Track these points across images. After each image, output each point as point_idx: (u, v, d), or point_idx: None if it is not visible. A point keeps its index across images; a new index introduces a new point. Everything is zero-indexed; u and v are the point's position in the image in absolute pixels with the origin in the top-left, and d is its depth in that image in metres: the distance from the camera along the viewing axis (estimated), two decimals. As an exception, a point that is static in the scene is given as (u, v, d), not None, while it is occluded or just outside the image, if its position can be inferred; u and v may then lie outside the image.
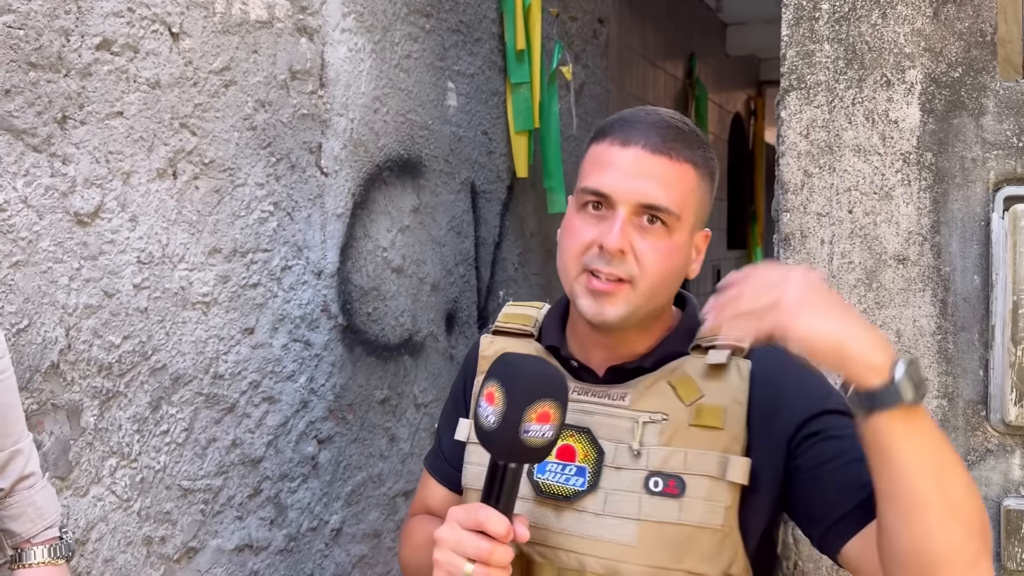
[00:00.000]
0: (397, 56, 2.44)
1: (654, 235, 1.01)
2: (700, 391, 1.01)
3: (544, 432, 0.90)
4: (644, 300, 1.02)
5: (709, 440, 0.99)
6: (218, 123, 1.83)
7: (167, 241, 1.72)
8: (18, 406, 1.20)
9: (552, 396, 0.92)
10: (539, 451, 0.92)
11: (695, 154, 1.04)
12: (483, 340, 1.19)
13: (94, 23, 1.53)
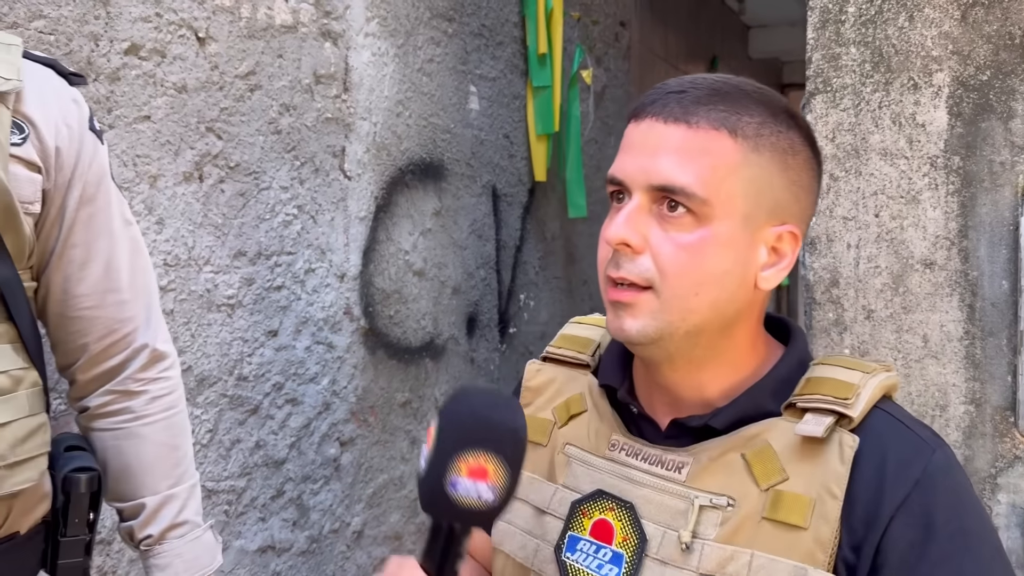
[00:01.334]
0: (420, 60, 2.45)
1: (676, 226, 0.76)
2: (783, 472, 0.75)
3: (480, 492, 0.72)
4: (675, 313, 0.76)
5: (786, 543, 0.73)
6: (243, 127, 1.85)
7: (193, 244, 1.73)
8: (180, 448, 1.13)
9: (490, 448, 0.72)
10: (479, 514, 0.73)
11: (738, 119, 0.76)
12: (529, 368, 0.94)
13: (122, 28, 1.55)
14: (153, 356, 1.10)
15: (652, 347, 0.79)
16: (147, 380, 1.09)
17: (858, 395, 0.76)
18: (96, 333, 1.06)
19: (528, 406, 0.91)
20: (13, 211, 0.93)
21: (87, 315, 1.05)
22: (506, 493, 0.73)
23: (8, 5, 1.36)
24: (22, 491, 0.97)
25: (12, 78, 0.94)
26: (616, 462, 0.81)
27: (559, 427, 0.87)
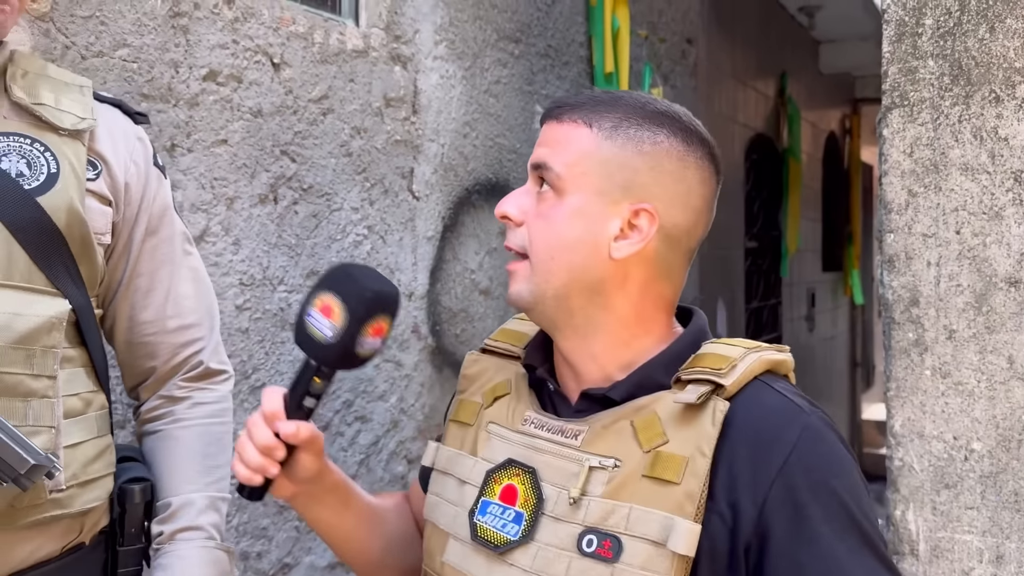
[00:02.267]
0: (487, 82, 2.47)
1: (542, 200, 0.90)
2: (664, 436, 0.83)
3: (322, 327, 0.89)
4: (540, 276, 0.89)
5: (660, 496, 0.81)
6: (316, 150, 1.89)
7: (268, 264, 1.77)
8: (213, 458, 1.13)
9: (340, 295, 0.89)
10: (320, 348, 0.90)
11: (597, 115, 0.90)
12: (468, 358, 1.05)
13: (201, 55, 1.61)
14: (205, 371, 1.14)
15: (534, 313, 0.92)
16: (192, 388, 1.13)
17: (734, 367, 0.84)
18: (162, 357, 1.10)
19: (463, 392, 1.02)
20: (88, 241, 0.97)
21: (152, 340, 1.09)
22: (341, 335, 0.88)
23: (95, 35, 1.43)
24: (92, 508, 1.00)
25: (87, 117, 0.99)
26: (526, 434, 0.91)
27: (485, 408, 0.97)
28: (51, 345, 0.93)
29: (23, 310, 0.91)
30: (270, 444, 0.89)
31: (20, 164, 0.92)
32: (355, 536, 1.03)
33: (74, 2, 1.39)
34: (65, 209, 0.94)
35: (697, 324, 0.94)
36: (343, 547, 1.04)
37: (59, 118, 0.97)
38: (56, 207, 0.94)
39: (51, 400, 0.94)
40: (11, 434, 0.87)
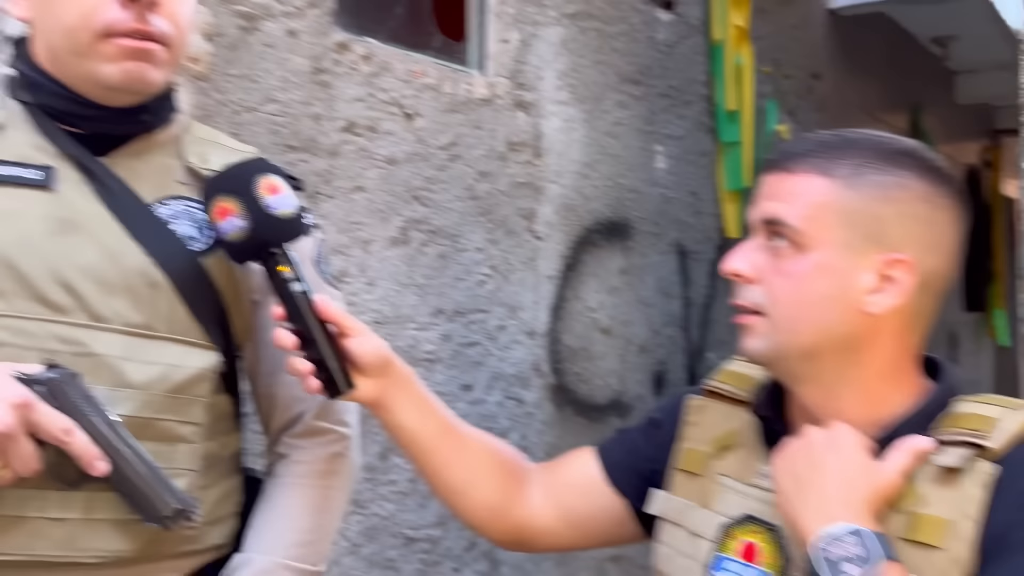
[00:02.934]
0: (607, 123, 2.51)
1: (781, 256, 0.86)
2: (920, 498, 0.81)
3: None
4: (784, 334, 0.86)
5: (923, 561, 0.78)
6: (444, 194, 1.97)
7: (399, 303, 1.86)
8: (300, 524, 1.07)
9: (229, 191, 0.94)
10: (292, 221, 0.96)
11: (832, 162, 0.86)
12: (690, 404, 1.03)
13: (341, 109, 1.72)
14: (308, 429, 1.10)
15: (774, 367, 0.90)
16: (293, 445, 1.10)
17: (998, 428, 0.81)
18: (277, 410, 1.11)
19: (687, 440, 1.00)
20: (242, 299, 1.04)
21: (270, 393, 1.11)
22: (252, 214, 0.93)
23: (246, 92, 1.55)
24: (218, 545, 1.04)
25: None
26: (764, 489, 0.88)
27: (714, 458, 0.95)
28: (200, 394, 0.99)
29: (180, 362, 0.97)
30: (282, 341, 0.95)
31: (189, 227, 0.99)
32: (436, 452, 1.03)
33: (228, 63, 1.52)
34: (224, 269, 1.01)
35: (949, 380, 0.90)
36: (425, 464, 1.04)
37: None
38: (217, 268, 1.00)
39: (194, 445, 0.99)
40: (160, 478, 0.93)
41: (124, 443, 0.91)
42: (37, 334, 0.91)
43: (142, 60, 0.93)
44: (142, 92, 0.97)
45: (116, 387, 0.94)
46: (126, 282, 0.95)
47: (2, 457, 0.85)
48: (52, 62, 0.96)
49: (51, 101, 0.97)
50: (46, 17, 0.94)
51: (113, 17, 0.91)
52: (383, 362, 1.00)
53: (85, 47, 0.92)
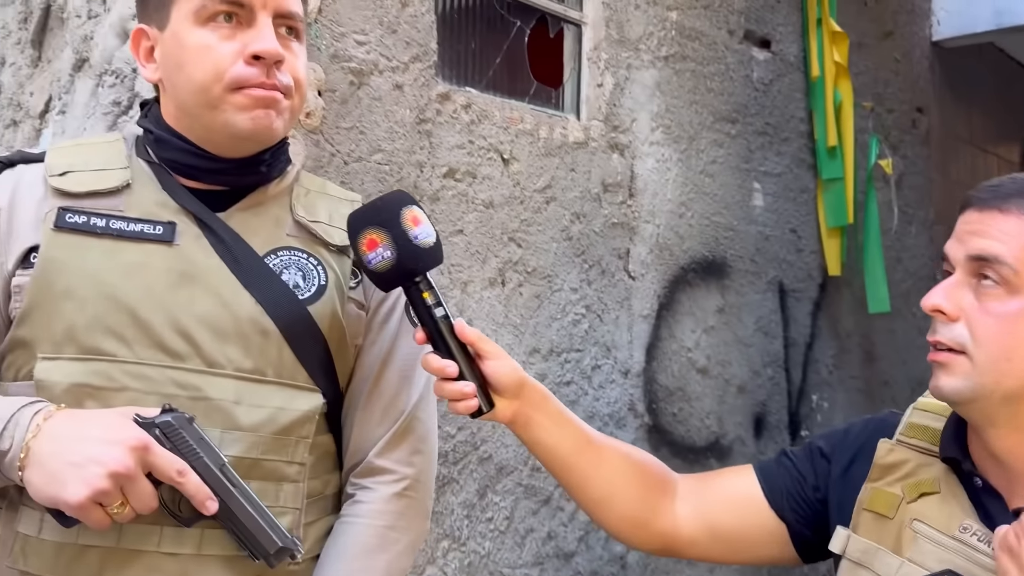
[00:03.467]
0: (702, 162, 2.52)
1: (990, 296, 0.86)
2: None
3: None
4: (988, 376, 0.85)
5: None
6: (540, 235, 2.01)
7: (496, 342, 1.90)
8: (349, 559, 1.07)
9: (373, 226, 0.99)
10: (432, 249, 1.00)
11: None
12: (882, 446, 1.03)
13: (442, 156, 1.79)
14: (370, 468, 1.12)
15: (970, 407, 0.88)
16: (358, 485, 1.12)
17: None
18: (351, 450, 1.13)
19: (877, 480, 0.99)
20: (344, 343, 1.09)
21: (347, 431, 1.13)
22: (399, 244, 1.00)
23: (355, 143, 1.64)
24: None
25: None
26: (966, 544, 0.86)
27: (907, 503, 0.94)
28: (305, 435, 1.04)
29: (287, 404, 1.02)
30: (437, 365, 1.01)
31: (297, 276, 1.05)
32: (575, 467, 1.07)
33: (339, 116, 1.61)
34: (329, 316, 1.06)
35: None
36: (565, 478, 1.09)
37: (331, 235, 1.09)
38: (322, 315, 1.06)
39: (299, 484, 1.04)
40: (267, 518, 0.97)
41: (233, 483, 0.96)
42: (157, 379, 0.98)
43: (269, 108, 1.01)
44: (267, 140, 1.04)
45: (227, 429, 0.99)
46: (239, 330, 1.01)
47: (123, 496, 0.91)
48: (180, 119, 1.04)
49: (176, 156, 1.05)
50: (177, 77, 1.02)
51: (242, 73, 0.99)
52: (518, 382, 1.06)
53: (216, 99, 1.00)
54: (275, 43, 1.00)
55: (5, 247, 1.00)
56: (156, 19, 1.04)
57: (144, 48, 1.06)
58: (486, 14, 2.03)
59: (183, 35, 1.01)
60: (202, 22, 1.00)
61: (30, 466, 0.90)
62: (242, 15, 1.00)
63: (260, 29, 1.00)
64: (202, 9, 1.00)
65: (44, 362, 0.97)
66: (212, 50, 0.99)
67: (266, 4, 1.01)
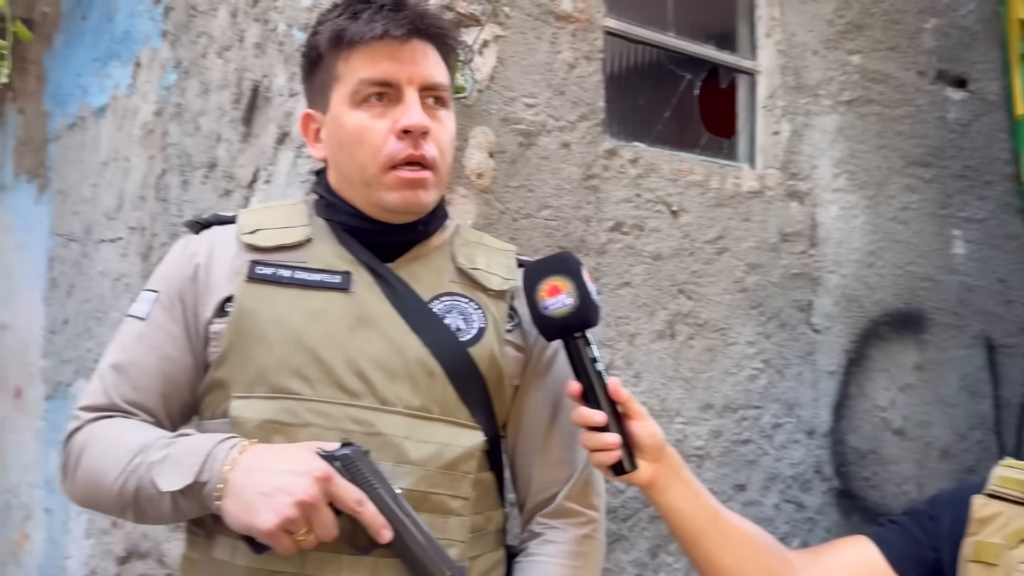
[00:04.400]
0: (893, 209, 2.37)
1: None
2: None
3: (592, 289, 1.08)
4: None
5: None
6: (711, 287, 1.97)
7: (665, 396, 1.87)
8: None
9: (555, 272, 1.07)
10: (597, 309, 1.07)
11: None
12: (976, 501, 1.12)
13: (609, 210, 1.81)
14: (561, 509, 1.15)
15: None
16: (548, 525, 1.15)
17: None
18: (532, 490, 1.17)
19: (976, 534, 1.08)
20: (502, 383, 1.13)
21: (527, 472, 1.18)
22: (580, 294, 1.07)
23: (523, 201, 1.69)
24: None
25: (509, 279, 1.16)
26: None
27: (1009, 549, 1.03)
28: (468, 471, 1.08)
29: (451, 441, 1.08)
30: (588, 417, 1.05)
31: (459, 320, 1.12)
32: (706, 537, 1.10)
33: (508, 175, 1.67)
34: (488, 357, 1.11)
35: None
36: (695, 548, 1.11)
37: (489, 280, 1.15)
38: (481, 356, 1.11)
39: (463, 518, 1.08)
40: (436, 547, 1.02)
41: (406, 513, 1.01)
42: (336, 416, 1.05)
43: (417, 188, 1.09)
44: (417, 213, 1.13)
45: (398, 463, 1.05)
46: (407, 370, 1.08)
47: (307, 524, 0.97)
48: (344, 189, 1.14)
49: (345, 219, 1.14)
50: (339, 155, 1.13)
51: (394, 148, 1.08)
52: (660, 446, 1.08)
53: (372, 178, 1.09)
54: (421, 117, 1.08)
55: (204, 298, 1.12)
56: (319, 104, 1.15)
57: (311, 130, 1.18)
58: (655, 70, 2.05)
59: (341, 117, 1.11)
60: (356, 104, 1.09)
61: (226, 496, 0.98)
62: (391, 93, 1.09)
63: (408, 105, 1.08)
64: (356, 93, 1.09)
65: (238, 401, 1.06)
66: (368, 130, 1.08)
67: (412, 79, 1.09)
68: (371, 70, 1.08)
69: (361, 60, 1.09)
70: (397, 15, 1.08)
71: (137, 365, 1.12)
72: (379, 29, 1.07)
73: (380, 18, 1.07)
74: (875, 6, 2.36)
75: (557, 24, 1.74)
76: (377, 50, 1.08)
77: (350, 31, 1.08)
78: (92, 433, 1.09)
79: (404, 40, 1.08)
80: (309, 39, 1.15)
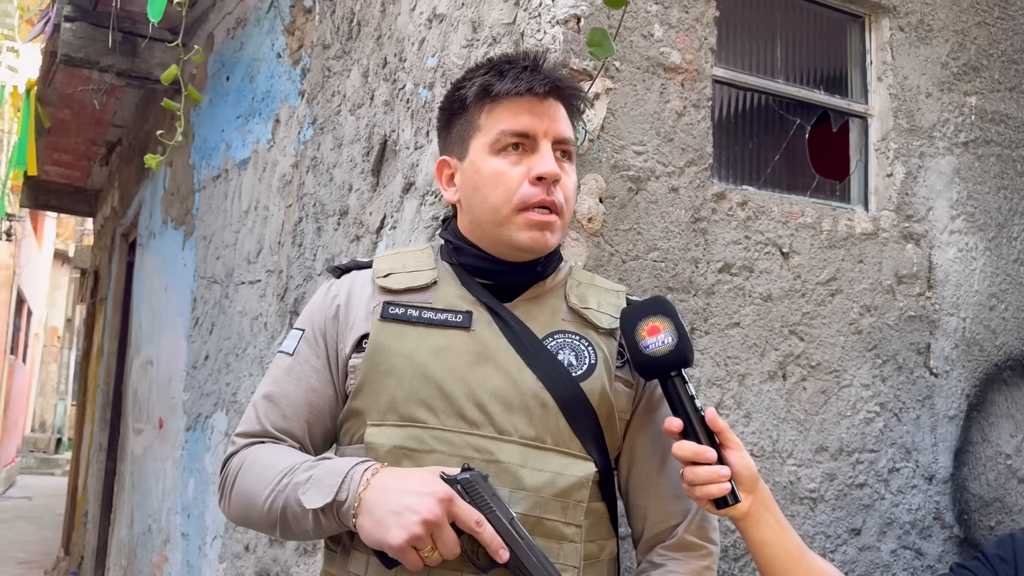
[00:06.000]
0: (1016, 251, 2.32)
1: None
2: None
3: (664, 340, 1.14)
4: None
5: None
6: (824, 329, 1.98)
7: (777, 437, 1.88)
8: None
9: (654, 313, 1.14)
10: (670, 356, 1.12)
11: None
12: None
13: (717, 251, 1.86)
14: (682, 543, 1.20)
15: None
16: (668, 557, 1.20)
17: None
18: (650, 521, 1.23)
19: None
20: (612, 417, 1.20)
21: (643, 504, 1.23)
22: (679, 334, 1.13)
23: (632, 243, 1.76)
24: None
25: (619, 317, 1.24)
26: None
27: None
28: (580, 500, 1.15)
29: (563, 470, 1.15)
30: (697, 450, 1.09)
31: (571, 356, 1.20)
32: (793, 572, 1.11)
33: (618, 219, 1.75)
34: (598, 392, 1.19)
35: None
36: None
37: (599, 319, 1.23)
38: (592, 390, 1.18)
39: (576, 545, 1.14)
40: (549, 569, 1.08)
41: (521, 536, 1.09)
42: (457, 443, 1.15)
43: (545, 230, 1.19)
44: (542, 252, 1.22)
45: (514, 489, 1.13)
46: (523, 402, 1.17)
47: (432, 542, 1.06)
48: (473, 231, 1.25)
49: (470, 261, 1.25)
50: (474, 198, 1.24)
51: (527, 192, 1.18)
52: (755, 478, 1.12)
53: (504, 218, 1.20)
54: (554, 166, 1.19)
55: (344, 336, 1.25)
56: (457, 152, 1.27)
57: (446, 175, 1.30)
58: (764, 115, 2.10)
59: (480, 163, 1.22)
60: (495, 152, 1.21)
61: (362, 514, 1.08)
62: (527, 144, 1.20)
63: (542, 154, 1.19)
64: (496, 142, 1.20)
65: (372, 428, 1.17)
66: (504, 175, 1.19)
67: (547, 133, 1.20)
68: (512, 122, 1.19)
69: (504, 113, 1.20)
70: (538, 75, 1.20)
71: (286, 396, 1.25)
72: (523, 86, 1.19)
73: (524, 77, 1.19)
74: (992, 48, 2.34)
75: (666, 75, 1.82)
76: (519, 105, 1.19)
77: (497, 86, 1.20)
78: (246, 457, 1.22)
79: (543, 98, 1.20)
80: (454, 92, 1.27)
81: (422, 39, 2.11)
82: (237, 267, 3.31)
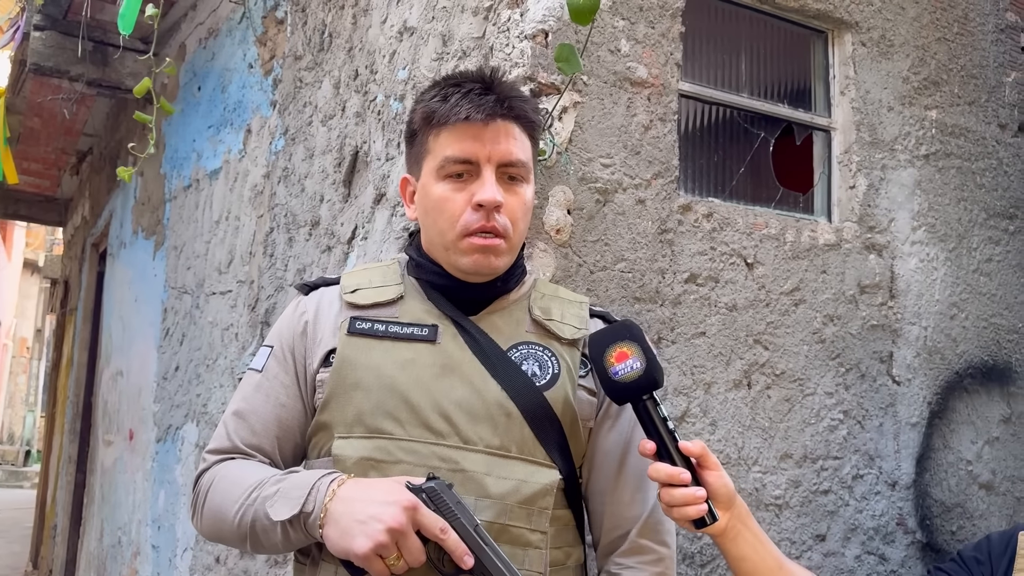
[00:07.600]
0: (976, 261, 2.37)
1: None
2: None
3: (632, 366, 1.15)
4: None
5: None
6: (788, 338, 2.02)
7: (742, 445, 1.91)
8: None
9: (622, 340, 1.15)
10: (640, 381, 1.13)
11: None
12: (1022, 537, 1.19)
13: (684, 262, 1.89)
14: (633, 547, 1.22)
15: None
16: (623, 565, 1.22)
17: None
18: (604, 528, 1.25)
19: (1020, 570, 1.12)
20: (576, 425, 1.22)
21: (598, 510, 1.26)
22: (648, 358, 1.15)
23: (600, 254, 1.79)
24: None
25: (581, 328, 1.27)
26: None
27: None
28: (545, 507, 1.17)
29: (528, 478, 1.17)
30: (671, 472, 1.10)
31: (534, 366, 1.22)
32: None
33: (586, 230, 1.78)
34: (562, 401, 1.21)
35: None
36: None
37: (562, 330, 1.26)
38: (556, 399, 1.20)
39: (541, 551, 1.16)
40: (514, 574, 1.10)
41: (486, 543, 1.10)
42: (423, 453, 1.17)
43: (488, 253, 1.21)
44: (490, 275, 1.25)
45: (479, 497, 1.15)
46: (488, 412, 1.19)
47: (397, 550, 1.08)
48: (432, 250, 1.27)
49: (432, 278, 1.27)
50: (425, 219, 1.27)
51: (469, 219, 1.21)
52: (731, 495, 1.14)
53: (450, 244, 1.23)
54: (494, 192, 1.20)
55: (312, 351, 1.26)
56: (415, 171, 1.30)
57: (408, 192, 1.32)
58: (729, 128, 2.14)
59: (428, 187, 1.25)
60: (441, 177, 1.23)
61: (328, 524, 1.09)
62: (471, 169, 1.22)
63: (483, 181, 1.21)
64: (441, 168, 1.23)
65: (340, 440, 1.19)
66: (448, 201, 1.22)
67: (490, 158, 1.21)
68: (454, 149, 1.21)
69: (448, 139, 1.22)
70: (482, 100, 1.21)
71: (255, 412, 1.26)
72: (463, 113, 1.20)
73: (466, 103, 1.20)
74: (952, 63, 2.40)
75: (632, 89, 1.85)
76: (463, 131, 1.21)
77: (439, 113, 1.22)
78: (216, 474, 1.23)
79: (488, 122, 1.21)
80: (410, 114, 1.30)
81: (393, 51, 2.13)
82: (208, 277, 3.30)
